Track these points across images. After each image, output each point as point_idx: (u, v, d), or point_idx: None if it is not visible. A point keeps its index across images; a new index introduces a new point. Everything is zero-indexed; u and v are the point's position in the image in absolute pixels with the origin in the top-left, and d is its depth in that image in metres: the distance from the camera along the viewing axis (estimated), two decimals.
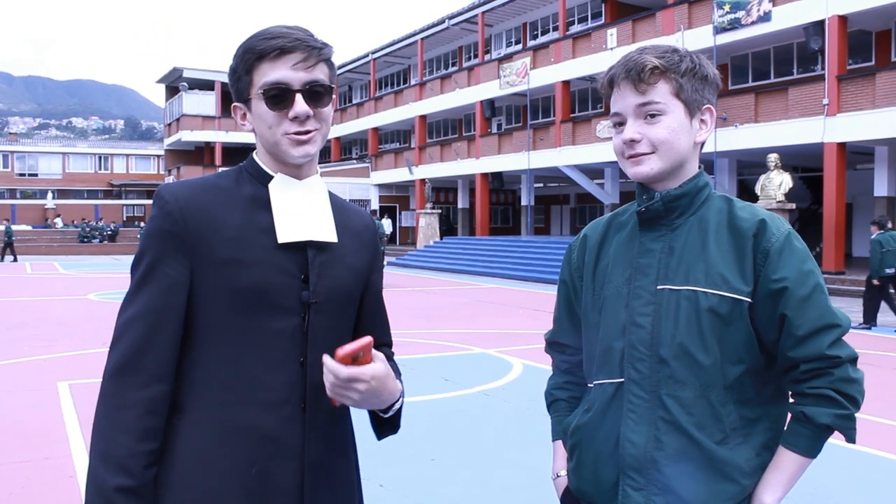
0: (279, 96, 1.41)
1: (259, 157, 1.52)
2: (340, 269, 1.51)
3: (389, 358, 1.64)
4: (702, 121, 1.55)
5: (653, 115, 1.49)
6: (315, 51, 1.43)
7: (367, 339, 1.36)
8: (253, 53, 1.42)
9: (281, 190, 1.47)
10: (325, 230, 1.49)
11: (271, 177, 1.49)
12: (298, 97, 1.41)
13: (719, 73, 1.59)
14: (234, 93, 1.49)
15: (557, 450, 1.74)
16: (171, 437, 1.39)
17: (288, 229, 1.44)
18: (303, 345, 1.44)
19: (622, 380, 1.52)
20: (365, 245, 1.60)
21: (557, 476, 1.72)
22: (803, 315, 1.43)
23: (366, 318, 1.62)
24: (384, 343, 1.68)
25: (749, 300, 1.45)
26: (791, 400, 1.50)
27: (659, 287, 1.50)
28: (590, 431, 1.58)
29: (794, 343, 1.43)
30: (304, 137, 1.44)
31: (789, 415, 1.51)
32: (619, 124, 1.54)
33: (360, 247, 1.57)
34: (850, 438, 1.45)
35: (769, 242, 1.45)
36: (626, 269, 1.56)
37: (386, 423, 1.64)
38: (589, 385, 1.63)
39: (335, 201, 1.58)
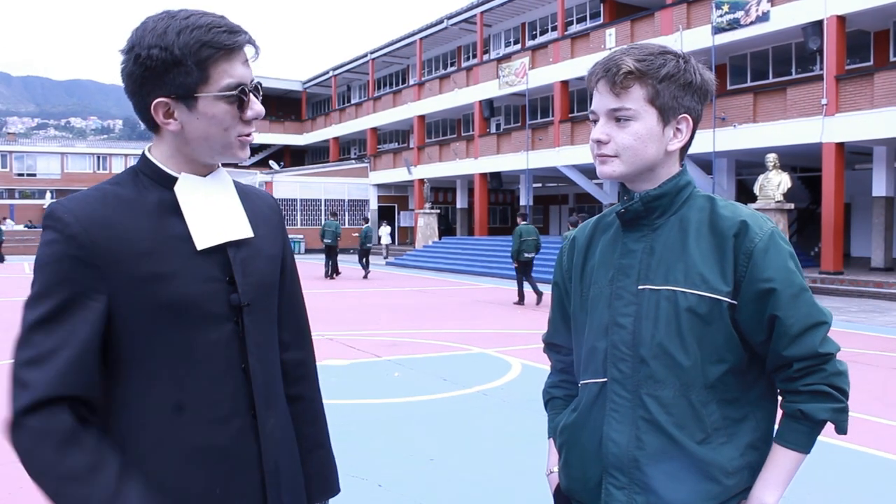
0: (241, 97, 1.32)
1: (156, 157, 1.38)
2: (262, 262, 1.44)
3: (311, 401, 1.61)
4: (677, 129, 1.53)
5: (624, 121, 1.49)
6: (257, 47, 1.36)
7: None
8: (211, 48, 1.28)
9: (189, 192, 1.36)
10: (240, 227, 1.40)
11: (174, 178, 1.36)
12: (253, 97, 1.34)
13: (717, 73, 1.59)
14: (167, 86, 1.29)
15: (551, 447, 1.77)
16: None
17: (204, 235, 1.34)
18: (241, 351, 1.37)
19: (605, 379, 1.53)
20: (275, 229, 1.52)
21: (550, 472, 1.75)
22: (794, 314, 1.43)
23: (286, 304, 1.56)
24: (301, 332, 1.61)
25: (729, 300, 1.46)
26: (782, 398, 1.51)
27: (640, 287, 1.51)
28: (576, 431, 1.60)
29: (788, 342, 1.44)
30: (251, 138, 1.38)
31: (780, 413, 1.51)
32: (594, 121, 1.55)
33: (271, 232, 1.50)
34: (843, 430, 1.47)
35: (752, 243, 1.45)
36: (609, 269, 1.57)
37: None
38: (579, 384, 1.64)
39: (240, 189, 1.49)
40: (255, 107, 1.35)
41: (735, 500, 1.49)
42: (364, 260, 22.41)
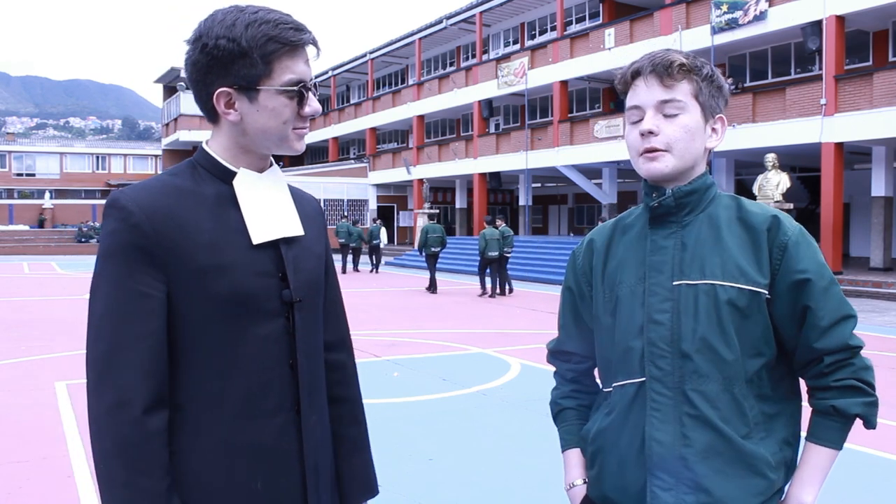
0: (301, 93, 1.36)
1: (215, 151, 1.40)
2: (311, 260, 1.46)
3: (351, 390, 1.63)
4: (713, 129, 1.57)
5: (672, 115, 1.51)
6: (319, 48, 1.41)
7: None
8: (277, 42, 1.32)
9: (246, 187, 1.38)
10: (294, 224, 1.43)
11: (232, 172, 1.39)
12: (311, 94, 1.39)
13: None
14: (231, 76, 1.32)
15: (569, 459, 1.70)
16: (182, 465, 1.32)
17: (261, 229, 1.37)
18: (290, 347, 1.39)
19: (643, 379, 1.50)
20: (321, 230, 1.55)
21: (572, 486, 1.67)
22: (826, 306, 1.45)
23: (329, 306, 1.58)
24: (345, 333, 1.64)
25: (767, 293, 1.47)
26: (811, 396, 1.51)
27: (675, 283, 1.50)
28: (613, 435, 1.55)
29: (819, 334, 1.45)
30: (306, 131, 1.42)
31: (811, 410, 1.50)
32: (637, 120, 1.54)
33: (318, 233, 1.53)
34: (872, 424, 1.48)
35: (786, 236, 1.48)
36: (638, 267, 1.55)
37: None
38: (606, 389, 1.60)
39: (290, 190, 1.52)
40: (314, 104, 1.39)
41: (777, 496, 1.48)
42: (374, 257, 25.16)
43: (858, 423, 1.49)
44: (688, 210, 1.54)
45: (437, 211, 34.32)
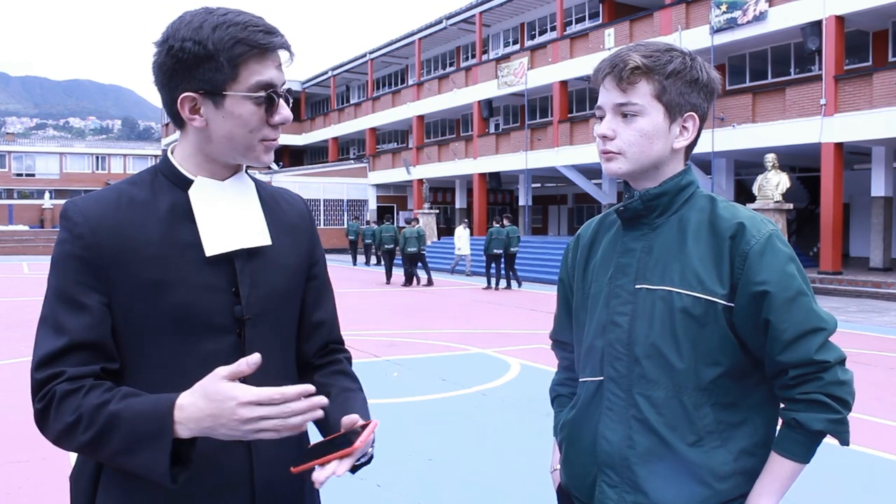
0: (269, 99, 1.30)
1: (177, 159, 1.35)
2: (275, 273, 1.38)
3: (347, 374, 1.52)
4: (683, 127, 1.52)
5: (630, 117, 1.49)
6: (292, 52, 1.34)
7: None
8: (245, 45, 1.26)
9: (203, 196, 1.32)
10: (255, 234, 1.36)
11: (190, 181, 1.33)
12: (282, 102, 1.32)
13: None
14: (196, 81, 1.27)
15: (556, 444, 1.76)
16: (108, 478, 1.29)
17: (214, 241, 1.31)
18: None
19: (602, 378, 1.54)
20: (302, 236, 1.47)
21: (554, 470, 1.75)
22: (788, 319, 1.40)
23: (310, 309, 1.50)
24: (334, 340, 1.56)
25: (724, 303, 1.44)
26: (781, 406, 1.48)
27: (637, 286, 1.51)
28: (574, 428, 1.60)
29: (781, 348, 1.41)
30: (275, 143, 1.36)
31: (780, 420, 1.49)
32: (601, 118, 1.54)
33: (296, 240, 1.44)
34: (844, 441, 1.43)
35: (748, 245, 1.43)
36: (608, 268, 1.57)
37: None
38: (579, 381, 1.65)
39: (266, 193, 1.44)
40: (283, 111, 1.32)
41: None
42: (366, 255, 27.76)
43: (860, 422, 1.47)
44: (658, 212, 1.53)
45: (438, 211, 34.31)
